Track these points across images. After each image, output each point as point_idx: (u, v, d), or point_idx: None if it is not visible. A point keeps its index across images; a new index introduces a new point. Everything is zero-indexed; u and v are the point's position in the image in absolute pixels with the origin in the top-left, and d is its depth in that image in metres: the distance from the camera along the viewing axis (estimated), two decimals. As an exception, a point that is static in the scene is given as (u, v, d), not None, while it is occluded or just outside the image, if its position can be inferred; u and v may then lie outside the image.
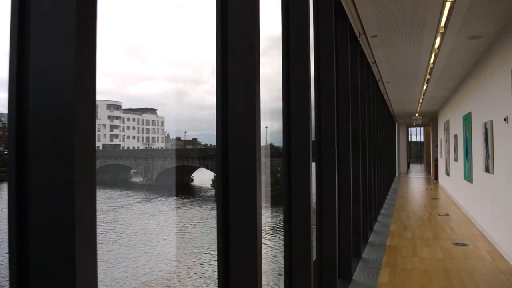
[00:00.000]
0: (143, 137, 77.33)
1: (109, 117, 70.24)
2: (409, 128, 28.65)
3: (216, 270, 2.23)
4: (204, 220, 23.33)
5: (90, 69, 1.10)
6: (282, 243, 3.34)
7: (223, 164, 2.18)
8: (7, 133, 1.12)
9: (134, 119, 76.09)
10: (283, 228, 3.28)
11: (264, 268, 12.87)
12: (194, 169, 37.88)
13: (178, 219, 24.34)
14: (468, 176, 9.21)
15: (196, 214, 25.39)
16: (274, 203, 22.72)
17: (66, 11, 1.06)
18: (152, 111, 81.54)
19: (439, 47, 6.74)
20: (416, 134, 36.64)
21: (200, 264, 15.65)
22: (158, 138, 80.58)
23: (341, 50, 5.23)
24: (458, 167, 11.09)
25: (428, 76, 9.25)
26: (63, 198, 1.05)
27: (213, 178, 33.11)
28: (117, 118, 72.07)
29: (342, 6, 4.82)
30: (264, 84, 2.37)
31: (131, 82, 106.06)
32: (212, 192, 32.84)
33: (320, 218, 4.32)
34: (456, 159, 11.57)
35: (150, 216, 24.81)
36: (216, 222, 2.22)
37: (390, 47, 6.93)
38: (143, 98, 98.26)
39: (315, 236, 4.13)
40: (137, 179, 39.67)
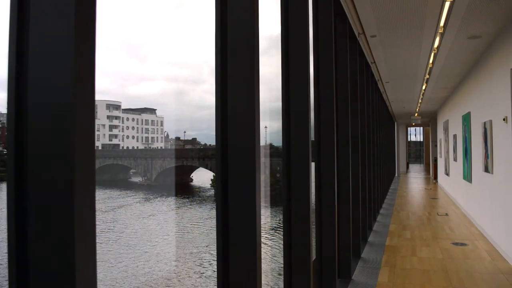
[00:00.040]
0: (142, 137, 77.30)
1: (108, 117, 70.18)
2: (408, 128, 28.67)
3: (215, 270, 2.23)
4: (203, 220, 23.33)
5: (89, 69, 1.10)
6: (282, 243, 3.35)
7: (223, 164, 2.18)
8: (6, 133, 1.12)
9: (133, 119, 76.05)
10: (282, 228, 3.28)
11: (264, 268, 12.88)
12: (193, 169, 37.87)
13: (177, 219, 24.33)
14: (468, 176, 9.21)
15: (195, 214, 25.39)
16: (274, 203, 22.72)
17: (66, 11, 1.06)
18: (152, 111, 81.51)
19: (438, 47, 6.75)
20: (416, 134, 36.72)
21: (200, 263, 15.65)
22: (157, 138, 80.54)
23: (340, 50, 5.23)
24: (457, 167, 11.10)
25: (427, 76, 9.25)
26: (63, 198, 1.05)
27: (212, 178, 33.11)
28: (116, 118, 72.02)
29: (342, 6, 4.82)
30: (264, 84, 2.37)
31: (131, 82, 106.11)
32: (212, 192, 32.83)
33: (319, 218, 4.32)
34: (455, 159, 11.58)
35: (150, 216, 24.80)
36: (215, 222, 2.22)
37: (390, 47, 6.93)
38: (143, 98, 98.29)
39: (314, 236, 4.13)
40: (136, 179, 39.65)
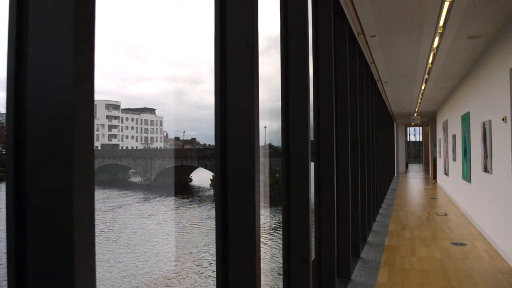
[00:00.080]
0: (141, 137, 77.21)
1: (107, 117, 70.08)
2: (407, 128, 28.67)
3: (215, 270, 2.23)
4: (203, 220, 23.32)
5: (89, 69, 1.10)
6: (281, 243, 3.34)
7: (222, 164, 2.18)
8: (5, 132, 1.12)
9: (132, 119, 75.93)
10: (281, 228, 3.28)
11: (264, 268, 12.88)
12: (192, 169, 37.84)
13: (177, 219, 24.33)
14: (467, 176, 9.22)
15: (195, 214, 25.38)
16: (273, 203, 22.72)
17: (65, 11, 1.06)
18: (151, 111, 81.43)
19: (437, 47, 6.75)
20: (415, 134, 36.73)
21: (199, 263, 15.65)
22: (156, 138, 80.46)
23: (339, 50, 5.24)
24: (456, 167, 11.11)
25: (426, 76, 9.26)
26: (62, 198, 1.05)
27: (211, 178, 33.10)
28: (115, 118, 71.91)
29: (341, 6, 4.82)
30: (263, 84, 2.37)
31: (130, 82, 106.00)
32: (211, 192, 32.82)
33: (318, 218, 4.32)
34: (454, 159, 11.58)
35: (149, 216, 24.79)
36: (215, 222, 2.22)
37: (389, 47, 6.94)
38: (142, 98, 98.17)
39: (313, 236, 4.13)
40: (135, 179, 39.60)
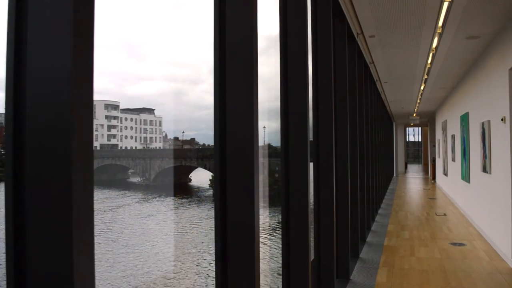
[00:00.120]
0: (141, 137, 77.13)
1: (106, 117, 69.99)
2: (406, 128, 28.71)
3: (214, 270, 2.23)
4: (202, 220, 23.32)
5: (88, 69, 1.10)
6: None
7: (221, 164, 2.18)
8: (4, 133, 1.12)
9: (132, 119, 75.85)
10: (280, 228, 3.28)
11: (264, 268, 12.88)
12: (192, 169, 37.82)
13: (176, 219, 24.32)
14: (466, 176, 9.23)
15: (194, 214, 25.37)
16: (272, 203, 22.72)
17: (64, 11, 1.06)
18: (150, 111, 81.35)
19: (436, 47, 6.75)
20: (414, 134, 36.76)
21: (199, 263, 15.65)
22: (156, 138, 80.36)
23: (339, 50, 5.24)
24: (455, 167, 11.11)
25: (425, 76, 9.26)
26: (61, 198, 1.05)
27: (211, 178, 33.07)
28: (114, 118, 71.82)
29: (340, 6, 4.82)
30: (262, 84, 2.37)
31: (129, 82, 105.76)
32: (210, 192, 32.80)
33: (318, 218, 4.32)
34: (453, 159, 11.59)
35: (148, 216, 24.78)
36: (214, 222, 2.22)
37: (388, 47, 6.94)
38: (141, 98, 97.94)
39: (312, 236, 4.13)
40: (135, 179, 39.56)
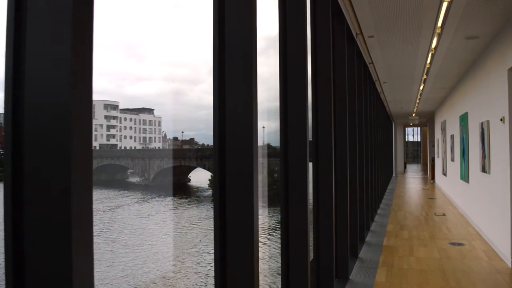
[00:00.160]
0: (140, 137, 77.12)
1: (106, 117, 70.00)
2: (406, 128, 28.72)
3: (213, 269, 2.23)
4: (201, 220, 23.32)
5: (87, 68, 1.10)
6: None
7: (220, 164, 2.18)
8: (3, 133, 1.12)
9: (131, 119, 75.84)
10: (280, 228, 3.29)
11: (263, 268, 12.88)
12: (191, 169, 37.82)
13: (175, 219, 24.31)
14: (465, 176, 9.24)
15: (193, 214, 25.37)
16: (272, 203, 22.73)
17: (63, 11, 1.06)
18: (149, 111, 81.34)
19: (436, 47, 6.76)
20: (413, 134, 36.80)
21: (198, 263, 15.65)
22: (155, 138, 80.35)
23: (338, 51, 5.24)
24: (454, 167, 11.12)
25: (425, 76, 9.27)
26: (60, 198, 1.05)
27: (210, 178, 33.07)
28: (114, 118, 71.83)
29: (339, 6, 4.83)
30: (262, 84, 2.37)
31: (129, 82, 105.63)
32: (210, 192, 32.80)
33: (317, 218, 4.32)
34: (452, 159, 11.60)
35: (148, 216, 24.77)
36: (213, 222, 2.22)
37: (387, 48, 6.94)
38: (141, 98, 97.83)
39: (312, 236, 4.13)
40: (134, 179, 39.54)
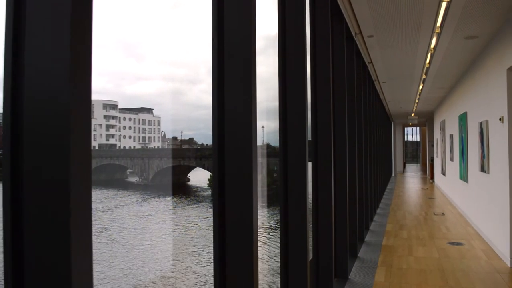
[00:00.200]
0: (139, 136, 77.03)
1: (105, 116, 69.92)
2: (405, 128, 28.74)
3: (213, 269, 2.23)
4: (200, 220, 23.32)
5: (86, 68, 1.10)
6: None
7: (220, 163, 2.18)
8: (2, 132, 1.12)
9: (130, 119, 75.73)
10: (279, 228, 3.28)
11: (262, 267, 12.88)
12: (190, 168, 37.81)
13: (175, 219, 24.31)
14: (464, 175, 9.24)
15: (193, 214, 25.37)
16: (271, 203, 22.74)
17: (62, 10, 1.06)
18: (149, 110, 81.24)
19: (435, 47, 6.77)
20: (412, 134, 36.78)
21: (197, 263, 15.65)
22: (154, 137, 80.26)
23: (337, 50, 5.24)
24: (453, 167, 11.13)
25: (424, 76, 9.28)
26: (59, 198, 1.04)
27: (209, 177, 33.06)
28: (113, 117, 71.73)
29: (339, 6, 4.83)
30: (261, 84, 2.37)
31: (128, 81, 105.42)
32: (209, 192, 32.78)
33: (316, 217, 4.32)
34: (451, 159, 11.61)
35: (147, 215, 24.76)
36: (212, 222, 2.22)
37: (386, 47, 6.95)
38: (140, 97, 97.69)
39: (311, 236, 4.14)
40: (133, 179, 39.52)
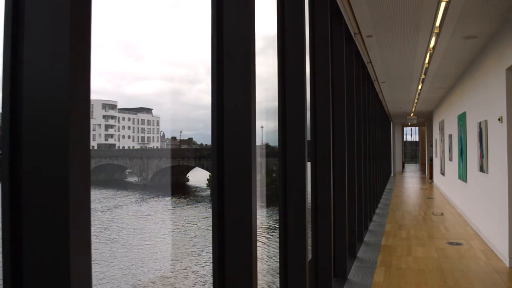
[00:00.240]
0: (138, 136, 77.05)
1: (104, 116, 69.94)
2: (404, 128, 28.76)
3: (212, 269, 2.23)
4: (200, 220, 23.33)
5: (85, 68, 1.10)
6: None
7: (219, 163, 2.18)
8: (1, 132, 1.12)
9: (129, 119, 75.75)
10: (278, 228, 3.28)
11: (261, 267, 12.88)
12: (189, 168, 37.84)
13: (174, 219, 24.31)
14: (463, 175, 9.25)
15: (192, 214, 25.38)
16: (270, 203, 22.75)
17: (61, 10, 1.06)
18: (148, 110, 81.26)
19: (434, 47, 6.77)
20: (411, 134, 36.85)
21: (196, 262, 15.65)
22: (153, 137, 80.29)
23: (336, 50, 5.24)
24: (452, 167, 11.14)
25: (423, 76, 9.29)
26: (58, 198, 1.04)
27: (208, 177, 33.08)
28: (112, 117, 71.76)
29: (338, 6, 4.83)
30: (260, 84, 2.37)
31: (127, 81, 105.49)
32: (208, 192, 32.79)
33: (315, 217, 4.32)
34: (450, 159, 11.62)
35: (146, 215, 24.77)
36: (211, 222, 2.22)
37: (386, 47, 6.95)
38: (139, 97, 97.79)
39: (310, 236, 4.14)
40: (132, 179, 39.53)
